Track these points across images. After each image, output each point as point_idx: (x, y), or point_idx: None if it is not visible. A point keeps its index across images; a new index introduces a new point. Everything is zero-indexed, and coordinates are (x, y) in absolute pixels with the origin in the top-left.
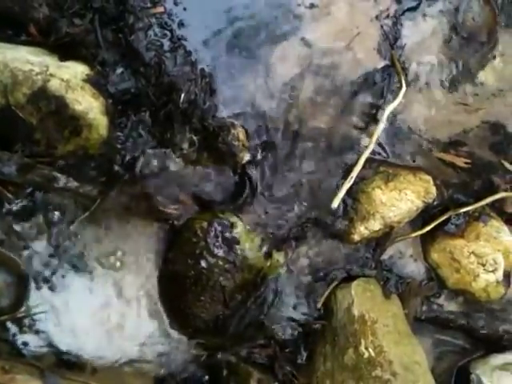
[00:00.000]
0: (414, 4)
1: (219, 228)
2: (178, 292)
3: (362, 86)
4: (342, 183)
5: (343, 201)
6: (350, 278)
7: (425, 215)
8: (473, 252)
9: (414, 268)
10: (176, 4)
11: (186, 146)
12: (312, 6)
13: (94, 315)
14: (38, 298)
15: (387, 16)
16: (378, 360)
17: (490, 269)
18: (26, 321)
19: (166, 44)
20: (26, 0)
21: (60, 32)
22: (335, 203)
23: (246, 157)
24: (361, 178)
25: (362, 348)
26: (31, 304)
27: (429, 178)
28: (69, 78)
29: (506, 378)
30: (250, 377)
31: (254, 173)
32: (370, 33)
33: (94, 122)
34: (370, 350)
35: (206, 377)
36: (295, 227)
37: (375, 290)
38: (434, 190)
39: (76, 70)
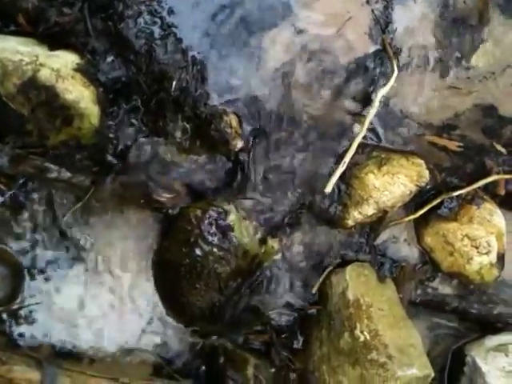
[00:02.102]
0: None
1: (213, 216)
2: (173, 280)
3: (353, 70)
4: (335, 169)
5: (337, 186)
6: (344, 263)
7: (418, 199)
8: (466, 235)
9: (407, 252)
10: None
11: (178, 134)
12: None
13: (89, 305)
14: (33, 289)
15: (378, 0)
16: (373, 343)
17: (484, 251)
18: (22, 312)
19: (157, 31)
20: None
21: (49, 21)
22: (328, 188)
23: (239, 144)
24: (354, 164)
25: (358, 332)
26: (27, 295)
27: (421, 161)
28: (59, 68)
29: (500, 358)
30: (247, 363)
31: (247, 160)
32: (361, 17)
33: (86, 112)
34: (366, 333)
35: (203, 364)
36: (289, 213)
37: (370, 275)
38: (426, 173)
39: (66, 60)
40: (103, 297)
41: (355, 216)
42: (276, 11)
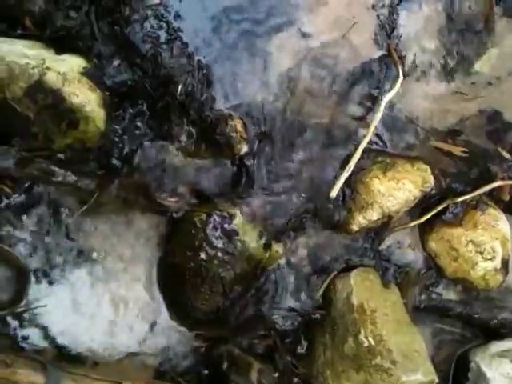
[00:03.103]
0: None
1: (218, 219)
2: (177, 284)
3: (359, 75)
4: (340, 173)
5: (341, 191)
6: (348, 268)
7: (423, 204)
8: (471, 240)
9: (412, 257)
10: None
11: (183, 138)
12: None
13: (93, 308)
14: (38, 292)
15: (383, 5)
16: (377, 349)
17: (488, 257)
18: (27, 315)
19: (163, 36)
20: None
21: (55, 25)
22: (333, 193)
23: (244, 148)
24: (359, 168)
25: (362, 337)
26: (31, 298)
27: (426, 167)
28: (65, 71)
29: (505, 364)
30: (251, 367)
31: (252, 164)
32: (367, 23)
33: (91, 115)
34: (370, 338)
35: (207, 368)
36: (294, 218)
37: (374, 280)
38: (431, 179)
39: (72, 63)
40: (107, 300)
41: (360, 221)
42: (282, 16)
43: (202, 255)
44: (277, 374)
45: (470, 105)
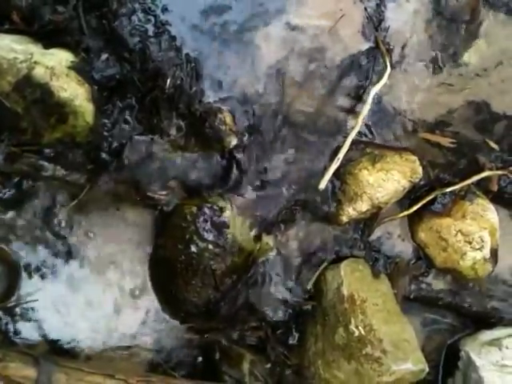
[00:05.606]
0: None
1: (208, 212)
2: (168, 277)
3: (347, 68)
4: (329, 165)
5: (331, 183)
6: (339, 259)
7: (412, 195)
8: (459, 230)
9: (402, 248)
10: None
11: (173, 131)
12: None
13: (85, 302)
14: (29, 286)
15: None
16: (367, 338)
17: (477, 247)
18: (18, 309)
19: (151, 29)
20: None
21: (43, 19)
22: (322, 185)
23: (234, 141)
24: (348, 160)
25: (352, 327)
26: (23, 293)
27: (415, 158)
28: (53, 66)
29: (494, 353)
30: (243, 359)
31: (241, 157)
32: (355, 15)
33: (80, 109)
34: (360, 328)
35: (199, 360)
36: (284, 210)
37: (364, 270)
38: (420, 170)
39: (61, 58)
40: (99, 294)
41: (349, 212)
42: (269, 9)
43: (193, 248)
44: (269, 365)
45: (458, 96)
